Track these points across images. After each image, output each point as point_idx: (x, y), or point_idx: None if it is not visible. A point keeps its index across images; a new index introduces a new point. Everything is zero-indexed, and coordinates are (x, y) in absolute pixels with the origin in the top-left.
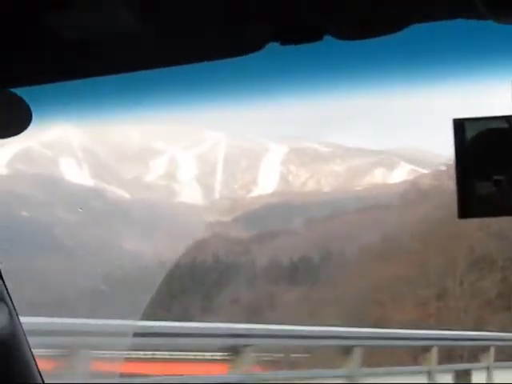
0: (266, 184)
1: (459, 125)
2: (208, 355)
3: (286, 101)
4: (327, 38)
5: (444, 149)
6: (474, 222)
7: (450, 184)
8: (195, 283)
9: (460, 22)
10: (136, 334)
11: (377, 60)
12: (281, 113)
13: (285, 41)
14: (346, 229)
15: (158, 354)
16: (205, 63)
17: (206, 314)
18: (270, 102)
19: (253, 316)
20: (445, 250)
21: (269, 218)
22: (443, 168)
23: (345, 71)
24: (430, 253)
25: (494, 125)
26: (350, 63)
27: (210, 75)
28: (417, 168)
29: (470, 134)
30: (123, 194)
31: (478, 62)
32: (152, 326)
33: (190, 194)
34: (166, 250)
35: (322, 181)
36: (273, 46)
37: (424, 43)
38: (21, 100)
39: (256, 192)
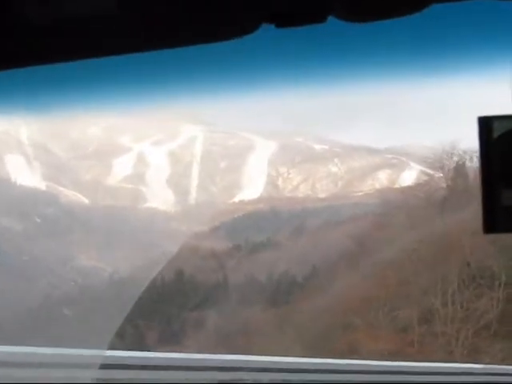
0: (250, 188)
1: (485, 123)
2: None
3: (275, 90)
4: (331, 20)
5: (463, 149)
6: (471, 228)
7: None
8: (161, 305)
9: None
10: (99, 366)
11: (387, 47)
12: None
13: (280, 23)
14: (340, 241)
15: None
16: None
17: (167, 342)
18: (256, 91)
19: (220, 344)
20: (434, 262)
21: (252, 228)
22: (459, 170)
23: (348, 59)
24: (415, 265)
25: None
26: (355, 50)
27: (185, 59)
28: (428, 170)
29: (497, 133)
30: (81, 198)
31: (506, 50)
32: (112, 357)
33: (159, 198)
34: (130, 265)
35: (317, 184)
36: (265, 29)
37: (444, 27)
38: None
39: (238, 197)
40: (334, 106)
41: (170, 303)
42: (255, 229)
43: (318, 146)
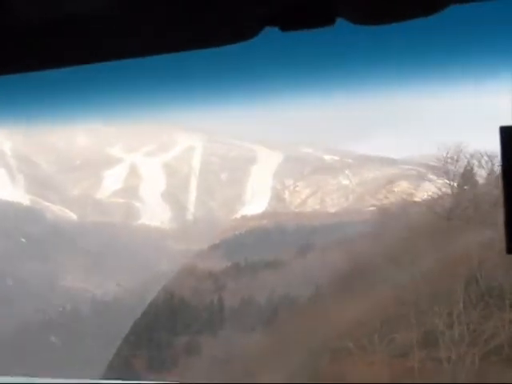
0: (253, 202)
1: (508, 133)
2: None
3: (280, 98)
4: (340, 23)
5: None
6: (479, 240)
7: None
8: (153, 332)
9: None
10: None
11: (401, 50)
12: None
13: (285, 26)
14: (349, 261)
15: None
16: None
17: (158, 370)
18: (259, 98)
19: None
20: (438, 279)
21: (254, 247)
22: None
23: (359, 64)
24: (417, 283)
25: None
26: (368, 54)
27: (182, 65)
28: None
29: None
30: (68, 214)
31: None
32: None
33: (154, 214)
34: (121, 287)
35: (326, 198)
36: (269, 33)
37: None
38: None
39: (240, 212)
40: (345, 116)
41: (163, 329)
42: (258, 247)
43: (327, 157)
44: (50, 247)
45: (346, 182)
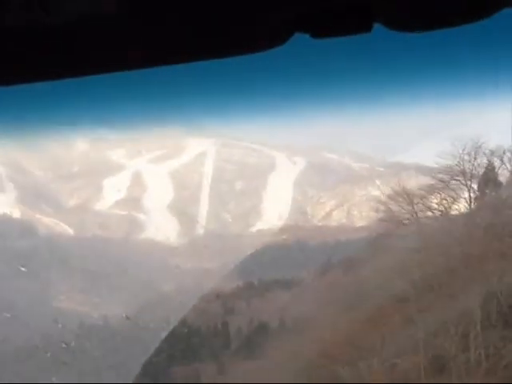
0: (271, 215)
1: None
2: None
3: (304, 100)
4: (377, 29)
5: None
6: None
7: None
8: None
9: None
10: None
11: (448, 59)
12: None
13: (316, 32)
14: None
15: None
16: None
17: None
18: (280, 100)
19: None
20: (452, 295)
21: (272, 265)
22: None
23: (396, 70)
24: (428, 299)
25: None
26: (407, 62)
27: (197, 69)
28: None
29: None
30: (63, 227)
31: None
32: None
33: (160, 228)
34: (121, 310)
35: (354, 211)
36: (298, 40)
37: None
38: None
39: (257, 226)
40: (376, 120)
41: (168, 358)
42: (275, 266)
43: (356, 165)
44: (41, 265)
45: (375, 192)
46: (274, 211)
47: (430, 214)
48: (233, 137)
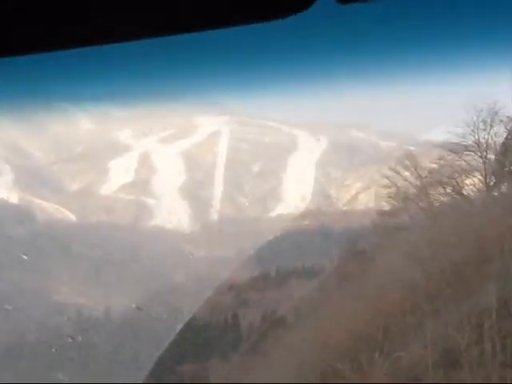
0: (291, 198)
1: None
2: None
3: (328, 73)
4: None
5: None
6: None
7: None
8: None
9: None
10: None
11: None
12: (319, 89)
13: None
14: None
15: None
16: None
17: None
18: (301, 73)
19: None
20: (465, 278)
21: (291, 252)
22: None
23: (425, 43)
24: (438, 283)
25: None
26: (435, 32)
27: (210, 40)
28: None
29: None
30: (65, 213)
31: None
32: None
33: (170, 213)
34: (128, 303)
35: (382, 194)
36: (322, 5)
37: None
38: None
39: (276, 211)
40: (406, 95)
41: (178, 356)
42: (294, 251)
43: (383, 143)
44: (41, 254)
45: (405, 173)
46: (294, 194)
47: (441, 189)
48: (248, 114)
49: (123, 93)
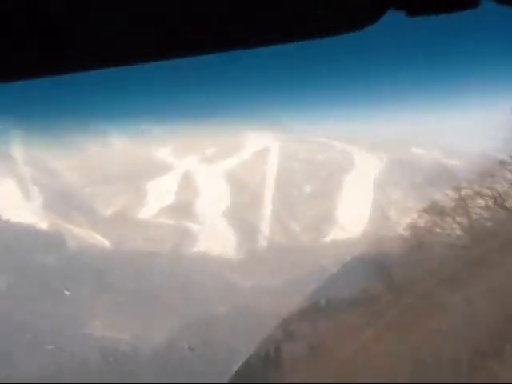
0: (347, 223)
1: None
2: None
3: (386, 86)
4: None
5: None
6: None
7: None
8: None
9: None
10: None
11: None
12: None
13: (413, 10)
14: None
15: None
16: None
17: None
18: (358, 86)
19: None
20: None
21: (346, 282)
22: None
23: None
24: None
25: None
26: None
27: (262, 56)
28: None
29: None
30: (98, 239)
31: None
32: None
33: (214, 239)
34: (166, 336)
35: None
36: (390, 19)
37: None
38: None
39: (330, 236)
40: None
41: None
42: (353, 283)
43: (448, 162)
44: (71, 283)
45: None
46: (350, 218)
47: (480, 201)
48: (299, 130)
49: (162, 108)
